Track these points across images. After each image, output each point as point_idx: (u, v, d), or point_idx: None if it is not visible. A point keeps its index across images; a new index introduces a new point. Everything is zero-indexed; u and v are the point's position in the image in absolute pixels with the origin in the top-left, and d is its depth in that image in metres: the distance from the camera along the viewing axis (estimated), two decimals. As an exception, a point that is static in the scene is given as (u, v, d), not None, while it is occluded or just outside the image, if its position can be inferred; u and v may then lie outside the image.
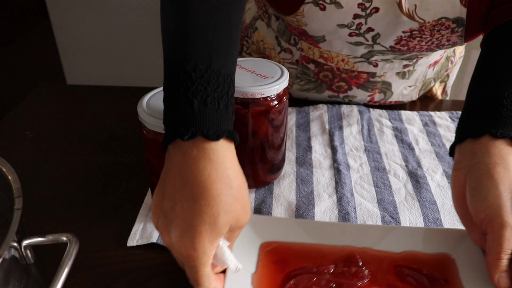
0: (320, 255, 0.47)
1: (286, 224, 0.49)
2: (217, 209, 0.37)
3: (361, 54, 0.69)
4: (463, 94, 1.85)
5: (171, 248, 0.39)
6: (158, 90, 0.51)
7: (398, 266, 0.46)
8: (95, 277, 0.48)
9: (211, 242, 0.37)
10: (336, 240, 0.48)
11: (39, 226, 0.54)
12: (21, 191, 0.37)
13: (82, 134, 0.73)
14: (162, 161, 0.48)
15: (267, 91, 0.51)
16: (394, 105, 0.80)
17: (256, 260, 0.46)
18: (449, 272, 0.45)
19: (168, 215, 0.38)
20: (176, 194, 0.38)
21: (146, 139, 0.48)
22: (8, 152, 0.68)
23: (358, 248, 0.47)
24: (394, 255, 0.47)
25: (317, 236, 0.48)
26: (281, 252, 0.47)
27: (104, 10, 1.80)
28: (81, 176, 0.63)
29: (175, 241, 0.37)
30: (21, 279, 0.35)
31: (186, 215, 0.37)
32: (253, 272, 0.45)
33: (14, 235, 0.33)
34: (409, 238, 0.48)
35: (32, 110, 0.80)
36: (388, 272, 0.45)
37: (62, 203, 0.58)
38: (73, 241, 0.37)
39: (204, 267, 0.38)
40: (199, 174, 0.37)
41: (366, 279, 0.44)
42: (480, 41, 0.58)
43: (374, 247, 0.47)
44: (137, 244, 0.52)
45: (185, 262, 0.38)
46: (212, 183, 0.37)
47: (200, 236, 0.36)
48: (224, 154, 0.38)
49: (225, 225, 0.38)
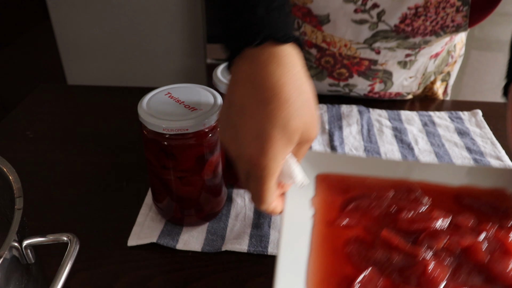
0: (378, 184, 0.47)
1: (340, 158, 0.50)
2: (288, 112, 0.36)
3: (364, 39, 0.69)
4: (463, 94, 1.85)
5: (239, 159, 0.38)
6: (159, 90, 0.51)
7: (456, 195, 0.47)
8: (95, 277, 0.48)
9: (282, 148, 0.36)
10: (393, 173, 0.49)
11: (39, 226, 0.54)
12: (22, 191, 0.37)
13: (82, 134, 0.73)
14: (162, 161, 0.48)
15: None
16: (394, 100, 0.81)
17: (314, 187, 0.47)
18: (507, 204, 0.46)
19: (237, 124, 0.37)
20: (245, 101, 0.37)
21: (146, 139, 0.48)
22: (9, 152, 0.68)
23: (416, 180, 0.48)
24: (452, 187, 0.48)
25: (374, 169, 0.49)
26: (338, 180, 0.48)
27: (104, 11, 1.80)
28: (81, 176, 0.63)
29: (244, 149, 0.37)
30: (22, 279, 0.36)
31: (257, 120, 0.36)
32: (311, 196, 0.46)
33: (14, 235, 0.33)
34: (466, 174, 0.49)
35: (32, 110, 0.80)
36: (447, 200, 0.46)
37: (62, 203, 0.58)
38: (74, 241, 0.37)
39: (271, 178, 0.37)
40: (269, 78, 0.36)
41: (426, 205, 0.45)
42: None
43: (432, 179, 0.49)
44: (137, 244, 0.52)
45: (253, 172, 0.37)
46: (282, 86, 0.36)
47: (272, 140, 0.36)
48: (293, 58, 0.38)
49: (296, 131, 0.37)
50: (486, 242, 0.41)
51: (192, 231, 0.54)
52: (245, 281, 0.48)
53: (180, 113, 0.47)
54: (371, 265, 0.39)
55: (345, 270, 0.39)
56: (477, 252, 0.40)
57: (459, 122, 0.76)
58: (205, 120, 0.46)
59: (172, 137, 0.46)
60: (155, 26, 1.82)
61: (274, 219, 0.55)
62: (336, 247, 0.42)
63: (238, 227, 0.55)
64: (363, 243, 0.42)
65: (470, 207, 0.46)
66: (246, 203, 0.58)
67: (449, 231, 0.42)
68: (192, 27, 1.81)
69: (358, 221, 0.44)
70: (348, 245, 0.42)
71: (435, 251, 0.40)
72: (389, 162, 0.52)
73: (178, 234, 0.53)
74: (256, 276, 0.49)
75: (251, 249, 0.51)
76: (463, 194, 0.47)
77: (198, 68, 1.92)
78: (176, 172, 0.49)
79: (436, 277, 0.38)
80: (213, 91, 0.51)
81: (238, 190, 0.60)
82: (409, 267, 0.39)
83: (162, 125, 0.45)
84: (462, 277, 0.39)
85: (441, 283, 0.38)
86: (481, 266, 0.39)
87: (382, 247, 0.41)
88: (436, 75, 0.82)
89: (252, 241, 0.52)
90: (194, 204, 0.52)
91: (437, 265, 0.39)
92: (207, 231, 0.54)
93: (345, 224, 0.44)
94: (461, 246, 0.41)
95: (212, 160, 0.50)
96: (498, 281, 0.38)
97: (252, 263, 0.50)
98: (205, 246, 0.52)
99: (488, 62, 1.77)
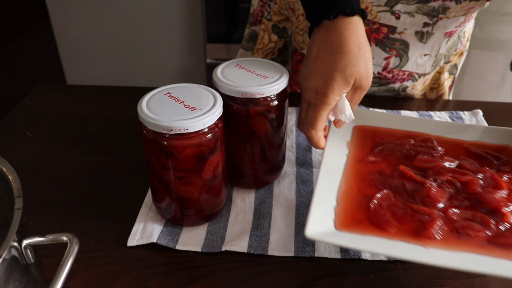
0: (402, 135, 0.60)
1: (373, 114, 0.64)
2: (347, 61, 0.50)
3: (385, 1, 0.70)
4: (463, 94, 1.85)
5: (307, 89, 0.52)
6: (158, 90, 0.51)
7: (467, 147, 0.58)
8: (95, 277, 0.48)
9: (340, 86, 0.50)
10: (415, 128, 0.61)
11: (39, 226, 0.54)
12: (21, 191, 0.36)
13: (82, 134, 0.73)
14: (162, 161, 0.48)
15: (267, 91, 0.52)
16: (394, 99, 0.80)
17: (351, 135, 0.61)
18: (509, 157, 0.56)
19: (310, 67, 0.52)
20: (319, 52, 0.51)
21: (146, 139, 0.48)
22: (8, 152, 0.68)
23: (433, 134, 0.60)
24: (464, 141, 0.59)
25: (400, 124, 0.62)
26: (370, 130, 0.62)
27: (104, 10, 1.80)
28: (81, 176, 0.63)
29: (313, 83, 0.51)
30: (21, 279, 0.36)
31: (324, 64, 0.50)
32: (348, 140, 0.59)
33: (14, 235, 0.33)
34: (476, 132, 0.60)
35: (32, 110, 0.80)
36: (458, 150, 0.58)
37: (62, 203, 0.58)
38: (73, 241, 0.37)
39: (327, 107, 0.51)
40: (338, 36, 0.50)
41: (440, 153, 0.56)
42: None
43: (447, 135, 0.60)
44: (137, 244, 0.52)
45: (315, 100, 0.51)
46: (346, 42, 0.50)
47: (333, 79, 0.50)
48: (358, 26, 0.51)
49: (351, 76, 0.50)
50: (483, 180, 0.51)
51: (191, 231, 0.54)
52: (245, 281, 0.48)
53: (180, 113, 0.47)
54: (388, 189, 0.51)
55: (369, 191, 0.51)
56: (474, 185, 0.50)
57: (460, 121, 0.76)
58: (205, 120, 0.46)
59: (172, 137, 0.46)
60: (155, 26, 1.82)
61: (274, 219, 0.55)
62: (363, 175, 0.53)
63: (238, 227, 0.54)
64: (384, 173, 0.54)
65: (476, 156, 0.57)
66: (246, 203, 0.58)
67: (454, 170, 0.53)
68: (192, 27, 1.81)
69: (383, 159, 0.56)
70: (373, 174, 0.53)
71: (439, 183, 0.51)
72: (413, 119, 0.63)
73: (178, 234, 0.53)
74: (256, 276, 0.49)
75: (251, 249, 0.51)
76: (472, 146, 0.58)
77: (198, 68, 1.92)
78: (175, 172, 0.49)
79: (436, 199, 0.49)
80: (213, 91, 0.51)
81: (238, 190, 0.60)
82: (416, 191, 0.50)
83: (162, 125, 0.45)
84: (457, 201, 0.49)
85: (439, 203, 0.48)
86: (474, 194, 0.49)
87: (398, 177, 0.52)
88: (446, 59, 0.83)
89: (252, 241, 0.52)
90: (194, 204, 0.52)
91: (438, 191, 0.49)
92: (207, 231, 0.54)
93: (372, 160, 0.56)
94: (461, 180, 0.51)
95: (212, 160, 0.50)
96: (485, 206, 0.48)
97: (252, 263, 0.50)
98: (205, 246, 0.52)
99: (488, 61, 1.77)
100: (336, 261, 0.50)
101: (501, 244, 0.44)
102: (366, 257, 0.51)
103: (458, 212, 0.47)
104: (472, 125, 0.62)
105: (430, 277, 0.49)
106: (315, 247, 0.52)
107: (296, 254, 0.51)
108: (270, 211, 0.57)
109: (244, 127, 0.54)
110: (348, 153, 0.57)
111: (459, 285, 0.48)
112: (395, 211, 0.48)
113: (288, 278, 0.48)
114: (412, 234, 0.45)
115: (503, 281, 0.48)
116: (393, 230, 0.46)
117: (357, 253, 0.51)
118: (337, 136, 0.58)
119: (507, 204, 0.47)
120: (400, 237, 0.45)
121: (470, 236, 0.45)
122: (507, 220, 0.46)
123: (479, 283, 0.48)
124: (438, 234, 0.45)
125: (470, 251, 0.43)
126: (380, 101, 0.82)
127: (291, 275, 0.49)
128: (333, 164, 0.54)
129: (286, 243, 0.52)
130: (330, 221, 0.46)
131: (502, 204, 0.47)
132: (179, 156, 0.47)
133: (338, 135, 0.58)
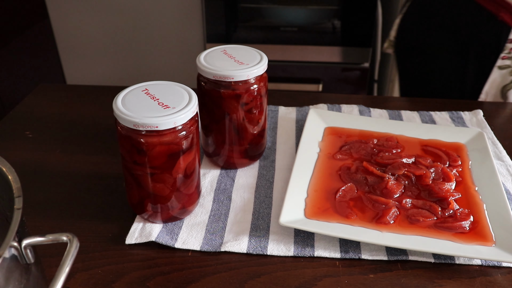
0: (368, 135, 0.68)
1: (342, 116, 0.72)
2: None
3: None
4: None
5: None
6: (136, 86, 0.52)
7: (424, 145, 0.67)
8: (95, 277, 0.48)
9: None
10: (379, 129, 0.70)
11: (39, 225, 0.54)
12: (21, 190, 0.36)
13: (82, 134, 0.73)
14: (133, 156, 0.49)
15: (237, 76, 0.54)
16: (394, 99, 0.80)
17: (322, 135, 0.68)
18: (461, 153, 0.65)
19: None
20: None
21: (120, 134, 0.49)
22: (8, 152, 0.68)
23: (395, 134, 0.69)
24: (422, 140, 0.68)
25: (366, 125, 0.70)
26: (340, 131, 0.69)
27: (103, 10, 1.79)
28: (81, 176, 0.63)
29: None
30: (21, 279, 0.35)
31: None
32: (319, 140, 0.67)
33: (14, 235, 0.33)
34: (435, 130, 0.69)
35: (32, 110, 0.80)
36: (416, 148, 0.66)
37: (62, 202, 0.58)
38: (73, 240, 0.37)
39: None
40: None
41: (399, 149, 0.64)
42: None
43: (408, 135, 0.69)
44: (135, 242, 0.52)
45: None
46: None
47: None
48: None
49: None
50: (434, 173, 0.60)
51: (191, 230, 0.54)
52: (245, 281, 0.48)
53: (152, 110, 0.47)
54: (352, 182, 0.59)
55: (335, 184, 0.59)
56: (426, 177, 0.59)
57: (460, 121, 0.76)
58: (176, 119, 0.46)
59: (144, 133, 0.47)
60: (154, 26, 1.82)
61: (273, 220, 0.55)
62: (331, 171, 0.61)
63: (238, 227, 0.54)
64: (350, 169, 0.61)
65: (431, 153, 0.65)
66: (245, 203, 0.58)
67: (410, 165, 0.61)
68: (192, 27, 1.81)
69: (349, 156, 0.64)
70: (340, 170, 0.61)
71: (396, 176, 0.59)
72: (377, 120, 0.71)
73: (177, 233, 0.53)
74: (256, 276, 0.49)
75: (251, 249, 0.51)
76: (429, 145, 0.67)
77: (198, 68, 1.91)
78: (146, 169, 0.49)
79: (393, 190, 0.57)
80: (190, 90, 0.51)
81: (238, 190, 0.60)
82: (376, 184, 0.58)
83: (133, 121, 0.46)
84: (411, 192, 0.57)
85: (395, 194, 0.57)
86: (426, 186, 0.58)
87: (362, 172, 0.60)
88: None
89: (252, 241, 0.52)
90: (165, 201, 0.52)
91: (395, 183, 0.58)
92: (206, 231, 0.54)
93: (340, 157, 0.64)
94: (415, 174, 0.59)
95: (184, 158, 0.50)
96: (434, 195, 0.56)
97: (252, 263, 0.50)
98: (204, 245, 0.52)
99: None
100: (336, 261, 0.51)
101: (446, 227, 0.52)
102: (366, 257, 0.51)
103: (411, 201, 0.56)
104: (430, 125, 0.71)
105: (430, 277, 0.49)
106: (314, 247, 0.52)
107: (296, 254, 0.51)
108: (269, 211, 0.57)
109: (218, 108, 0.57)
110: (319, 151, 0.65)
111: (459, 285, 0.48)
112: (356, 201, 0.56)
113: (288, 278, 0.48)
114: (371, 220, 0.53)
115: (504, 280, 0.48)
116: (354, 218, 0.53)
117: (357, 253, 0.51)
118: (310, 136, 0.66)
119: (453, 194, 0.56)
120: (360, 224, 0.53)
121: (419, 221, 0.53)
122: (451, 207, 0.54)
123: (479, 283, 0.48)
124: (392, 219, 0.53)
125: (420, 234, 0.51)
126: (379, 102, 0.82)
127: (291, 275, 0.49)
128: (306, 161, 0.62)
129: (286, 243, 0.52)
130: (300, 211, 0.54)
131: (449, 194, 0.56)
132: (150, 153, 0.48)
133: (311, 135, 0.67)
